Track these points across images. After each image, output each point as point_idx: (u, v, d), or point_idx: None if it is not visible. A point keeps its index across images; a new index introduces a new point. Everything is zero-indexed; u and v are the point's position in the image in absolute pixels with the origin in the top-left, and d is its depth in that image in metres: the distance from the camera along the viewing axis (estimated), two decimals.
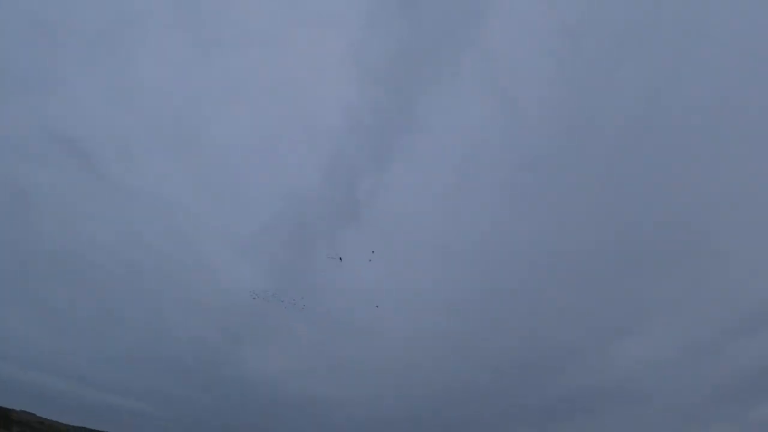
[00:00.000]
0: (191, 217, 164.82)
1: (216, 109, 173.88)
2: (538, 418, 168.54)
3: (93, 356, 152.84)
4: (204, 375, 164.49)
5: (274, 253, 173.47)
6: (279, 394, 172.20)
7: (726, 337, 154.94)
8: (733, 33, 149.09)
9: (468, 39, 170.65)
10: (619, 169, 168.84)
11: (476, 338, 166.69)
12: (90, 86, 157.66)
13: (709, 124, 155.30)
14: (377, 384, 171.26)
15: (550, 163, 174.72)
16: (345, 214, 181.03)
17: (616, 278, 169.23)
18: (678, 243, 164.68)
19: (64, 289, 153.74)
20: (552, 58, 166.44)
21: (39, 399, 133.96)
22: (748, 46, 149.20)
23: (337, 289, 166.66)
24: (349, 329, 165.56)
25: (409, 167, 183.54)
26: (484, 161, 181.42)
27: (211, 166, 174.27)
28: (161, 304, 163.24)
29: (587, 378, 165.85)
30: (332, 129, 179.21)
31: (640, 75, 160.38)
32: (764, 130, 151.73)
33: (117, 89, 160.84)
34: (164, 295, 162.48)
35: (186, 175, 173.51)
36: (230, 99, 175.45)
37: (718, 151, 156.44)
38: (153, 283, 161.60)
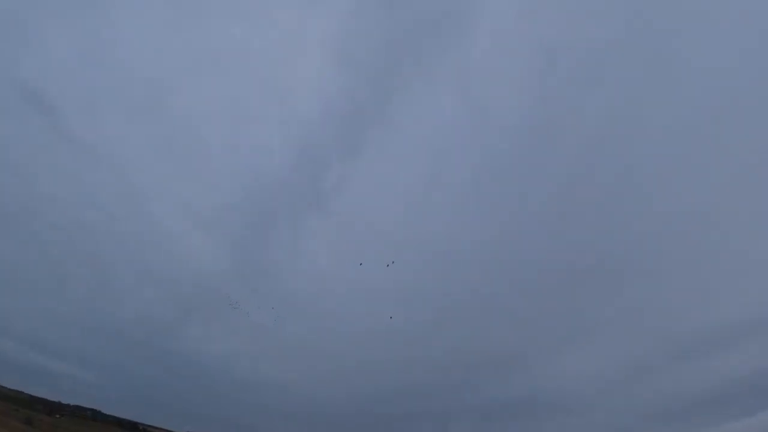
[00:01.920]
0: (151, 183, 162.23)
1: (189, 78, 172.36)
2: (478, 419, 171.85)
3: (33, 316, 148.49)
4: (149, 347, 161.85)
5: (233, 232, 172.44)
6: (226, 372, 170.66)
7: (664, 360, 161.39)
8: (701, 68, 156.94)
9: (450, 43, 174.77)
10: (577, 187, 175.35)
11: (426, 335, 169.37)
12: (64, 41, 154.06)
13: (665, 152, 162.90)
14: (324, 371, 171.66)
15: (513, 173, 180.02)
16: (310, 201, 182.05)
17: (566, 291, 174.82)
18: (627, 265, 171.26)
19: (11, 242, 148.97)
20: (527, 72, 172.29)
21: None
22: (713, 83, 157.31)
23: (295, 275, 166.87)
24: (302, 315, 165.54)
25: (377, 161, 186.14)
26: (451, 164, 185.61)
27: (177, 134, 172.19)
28: (111, 269, 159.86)
29: (528, 385, 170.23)
30: (306, 114, 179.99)
31: (606, 99, 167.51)
32: (718, 161, 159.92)
33: (90, 47, 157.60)
34: (116, 259, 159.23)
35: (150, 141, 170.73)
36: (205, 70, 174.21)
37: (671, 180, 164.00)
38: (105, 246, 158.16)
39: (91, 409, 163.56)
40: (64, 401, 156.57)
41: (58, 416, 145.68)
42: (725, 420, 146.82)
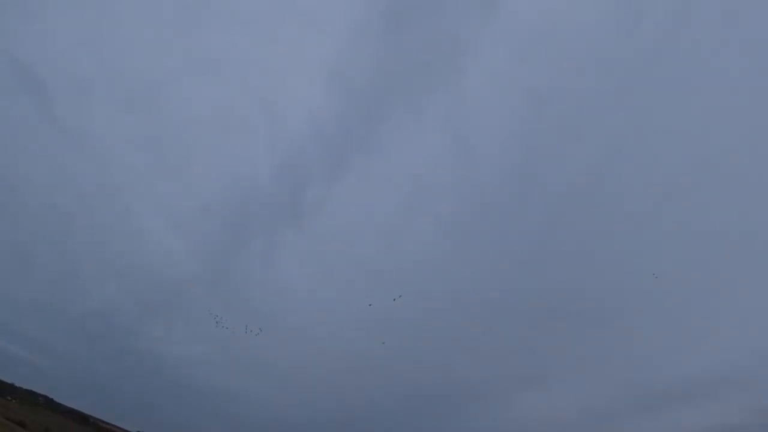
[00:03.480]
0: (131, 178, 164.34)
1: (184, 79, 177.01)
2: None
3: None
4: (109, 341, 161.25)
5: (209, 236, 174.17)
6: (186, 378, 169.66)
7: (625, 410, 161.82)
8: (683, 130, 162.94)
9: (442, 81, 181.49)
10: (555, 232, 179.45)
11: (389, 363, 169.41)
12: (64, 24, 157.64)
13: (642, 208, 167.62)
14: (286, 386, 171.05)
15: (493, 212, 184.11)
16: (288, 215, 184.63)
17: (534, 333, 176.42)
18: (597, 313, 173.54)
19: None
20: (514, 116, 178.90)
21: None
22: (693, 145, 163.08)
23: (265, 287, 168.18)
24: (269, 328, 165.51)
25: (359, 186, 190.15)
26: (432, 197, 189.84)
27: (164, 133, 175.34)
28: (80, 258, 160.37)
29: (486, 422, 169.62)
30: (293, 130, 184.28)
31: (589, 150, 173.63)
32: (693, 221, 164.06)
33: (90, 34, 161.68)
34: (85, 249, 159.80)
35: (136, 135, 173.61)
36: (200, 74, 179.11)
37: (647, 235, 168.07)
38: (76, 234, 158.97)
39: (44, 396, 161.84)
40: (18, 384, 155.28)
41: (9, 398, 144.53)
42: None
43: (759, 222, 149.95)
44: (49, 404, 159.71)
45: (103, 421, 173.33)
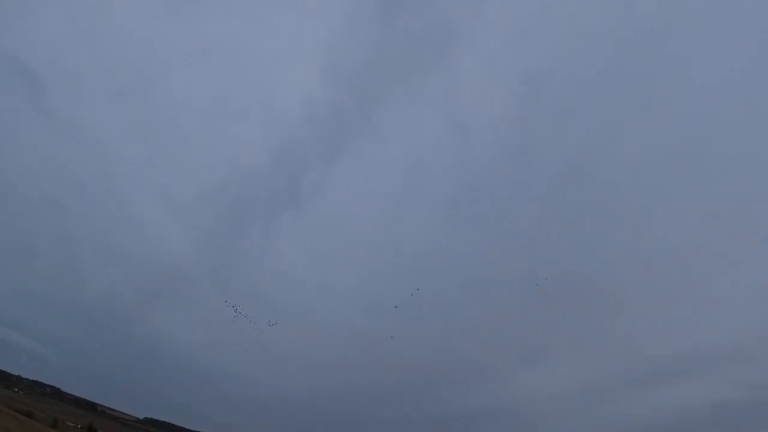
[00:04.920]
0: (128, 166, 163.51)
1: (179, 67, 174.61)
2: (436, 428, 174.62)
3: None
4: (112, 328, 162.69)
5: (207, 222, 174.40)
6: (188, 362, 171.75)
7: (622, 385, 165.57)
8: (677, 107, 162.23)
9: (437, 63, 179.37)
10: (551, 210, 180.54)
11: (390, 342, 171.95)
12: (57, 15, 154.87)
13: (638, 184, 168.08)
14: (287, 369, 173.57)
15: (489, 192, 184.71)
16: (286, 199, 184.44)
17: (533, 310, 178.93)
18: (594, 290, 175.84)
19: None
20: (509, 99, 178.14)
21: None
22: (687, 121, 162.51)
23: (265, 272, 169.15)
24: (269, 311, 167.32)
25: (356, 169, 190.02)
26: (429, 178, 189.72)
27: (160, 121, 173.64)
28: (79, 248, 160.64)
29: (487, 398, 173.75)
30: (289, 114, 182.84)
31: (583, 129, 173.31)
32: (688, 197, 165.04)
33: (84, 25, 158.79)
34: (85, 238, 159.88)
35: (132, 124, 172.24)
36: (195, 62, 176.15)
37: (643, 211, 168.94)
38: (74, 224, 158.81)
39: (51, 386, 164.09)
40: (24, 376, 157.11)
41: (16, 390, 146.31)
42: None
43: (755, 199, 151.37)
44: (56, 394, 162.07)
45: (111, 408, 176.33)
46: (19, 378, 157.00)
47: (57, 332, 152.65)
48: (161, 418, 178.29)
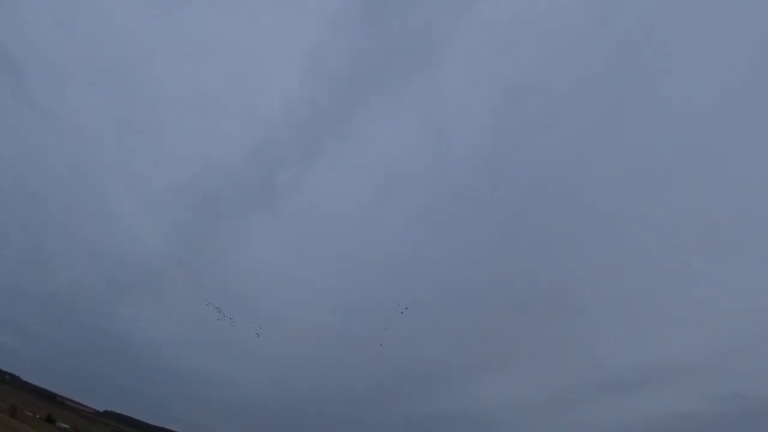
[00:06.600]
0: (104, 156, 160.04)
1: (159, 57, 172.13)
2: (405, 430, 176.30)
3: None
4: (78, 321, 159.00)
5: (180, 216, 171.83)
6: (156, 358, 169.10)
7: (582, 394, 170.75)
8: (648, 126, 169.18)
9: (419, 70, 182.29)
10: (524, 219, 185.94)
11: (361, 344, 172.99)
12: (39, 3, 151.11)
13: (608, 199, 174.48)
14: (257, 368, 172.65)
15: (462, 199, 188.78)
16: (261, 197, 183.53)
17: (503, 316, 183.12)
18: (564, 299, 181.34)
19: None
20: (487, 109, 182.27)
21: None
22: (657, 141, 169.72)
23: (239, 269, 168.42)
24: (239, 309, 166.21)
25: (333, 170, 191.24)
26: (404, 183, 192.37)
27: (138, 112, 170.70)
28: (49, 236, 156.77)
29: (455, 402, 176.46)
30: (268, 112, 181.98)
31: (557, 142, 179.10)
32: (655, 214, 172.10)
33: (65, 13, 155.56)
34: (56, 228, 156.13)
35: (110, 114, 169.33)
36: (176, 52, 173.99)
37: (612, 224, 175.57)
38: (46, 212, 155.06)
39: (10, 374, 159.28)
40: None
41: None
42: None
43: (721, 219, 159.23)
44: (15, 382, 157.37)
45: (71, 399, 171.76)
46: None
47: (21, 320, 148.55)
48: (123, 412, 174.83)
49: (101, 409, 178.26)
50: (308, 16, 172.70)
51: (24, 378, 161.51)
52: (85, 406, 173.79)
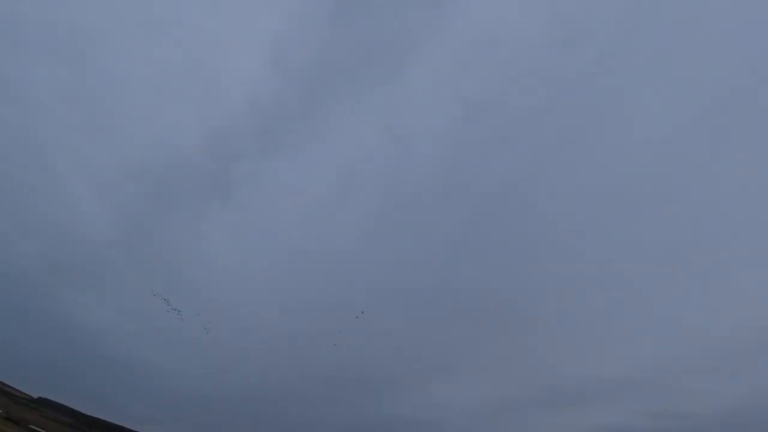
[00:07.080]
0: (53, 131, 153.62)
1: (118, 36, 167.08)
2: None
3: None
4: (14, 301, 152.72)
5: (130, 201, 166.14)
6: (96, 345, 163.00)
7: (526, 404, 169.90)
8: (612, 146, 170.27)
9: (384, 73, 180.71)
10: (481, 230, 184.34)
11: (307, 345, 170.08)
12: None
13: (568, 218, 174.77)
14: (206, 363, 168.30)
15: (419, 205, 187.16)
16: (216, 188, 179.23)
17: (452, 325, 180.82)
18: (516, 311, 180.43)
19: None
20: (450, 118, 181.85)
21: None
22: (620, 161, 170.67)
23: (190, 260, 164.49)
24: (189, 301, 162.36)
25: (290, 166, 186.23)
26: (363, 185, 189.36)
27: (92, 89, 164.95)
28: None
29: (401, 407, 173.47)
30: (227, 99, 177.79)
31: (519, 158, 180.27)
32: (615, 232, 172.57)
33: None
34: None
35: (62, 88, 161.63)
36: (136, 32, 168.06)
37: (570, 242, 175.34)
38: None
39: None
40: None
41: None
42: None
43: (678, 237, 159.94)
44: None
45: (4, 383, 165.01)
46: None
47: None
48: (58, 400, 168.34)
49: (35, 396, 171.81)
50: (276, 7, 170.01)
51: None
52: (18, 391, 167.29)
